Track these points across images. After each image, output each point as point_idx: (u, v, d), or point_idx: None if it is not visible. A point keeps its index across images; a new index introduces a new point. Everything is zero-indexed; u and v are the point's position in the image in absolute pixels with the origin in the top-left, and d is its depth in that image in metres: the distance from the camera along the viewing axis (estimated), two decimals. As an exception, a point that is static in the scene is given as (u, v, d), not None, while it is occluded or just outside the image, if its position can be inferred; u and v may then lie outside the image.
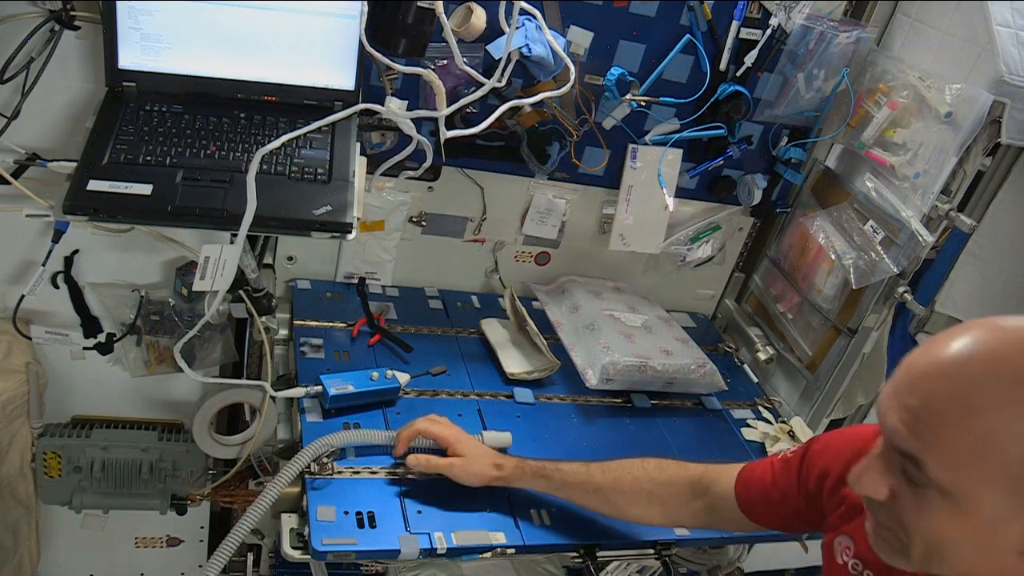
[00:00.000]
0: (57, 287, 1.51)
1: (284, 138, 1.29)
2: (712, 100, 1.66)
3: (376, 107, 1.39)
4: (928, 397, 0.72)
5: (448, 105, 1.46)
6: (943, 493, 0.72)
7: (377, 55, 1.38)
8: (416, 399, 1.49)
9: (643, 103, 1.65)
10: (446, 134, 1.46)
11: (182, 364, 1.40)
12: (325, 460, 1.26)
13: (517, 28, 1.43)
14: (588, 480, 1.25)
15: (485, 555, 1.23)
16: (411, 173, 1.60)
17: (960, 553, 0.75)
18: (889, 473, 0.77)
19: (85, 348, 1.58)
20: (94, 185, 1.19)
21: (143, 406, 1.72)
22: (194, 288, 1.30)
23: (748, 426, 1.69)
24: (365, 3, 1.34)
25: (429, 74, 1.43)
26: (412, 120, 1.43)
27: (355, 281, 1.75)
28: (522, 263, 1.88)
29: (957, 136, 1.44)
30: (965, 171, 1.49)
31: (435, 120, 1.48)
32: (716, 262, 1.97)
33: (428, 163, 1.55)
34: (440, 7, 1.36)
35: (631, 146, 1.71)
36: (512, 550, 1.25)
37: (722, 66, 1.64)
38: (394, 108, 1.40)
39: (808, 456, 1.10)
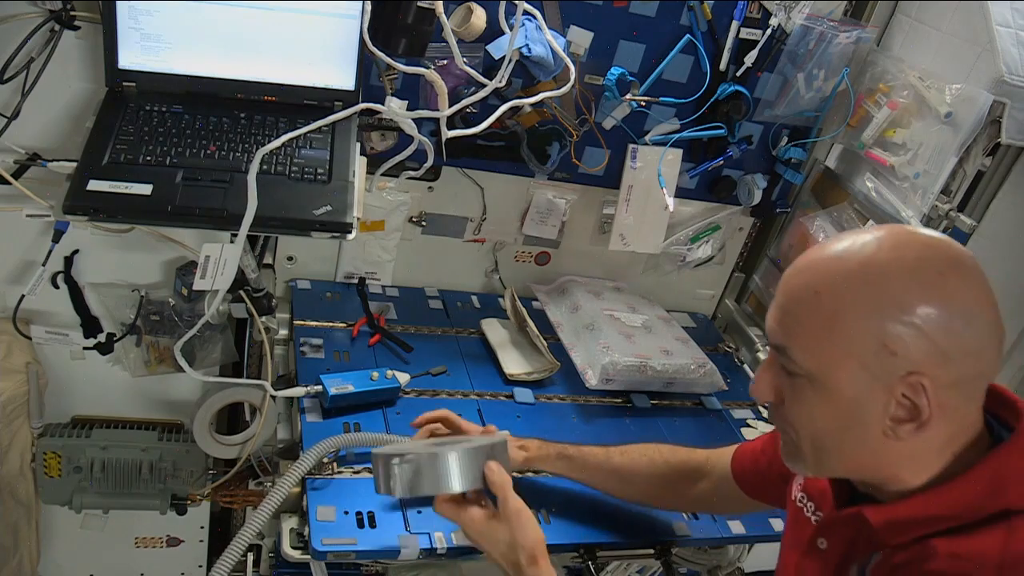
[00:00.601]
0: (57, 287, 1.51)
1: (284, 137, 1.29)
2: (712, 100, 1.66)
3: (377, 107, 1.39)
4: (790, 291, 0.83)
5: (448, 105, 1.47)
6: (811, 379, 0.80)
7: (379, 54, 1.38)
8: (416, 399, 1.49)
9: (643, 103, 1.65)
10: (447, 134, 1.46)
11: (182, 363, 1.40)
12: (325, 460, 1.26)
13: (513, 28, 1.43)
14: (607, 462, 1.27)
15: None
16: (412, 173, 1.60)
17: (838, 442, 0.82)
18: (773, 373, 0.86)
19: (85, 348, 1.58)
20: (94, 185, 1.19)
21: (143, 406, 1.73)
22: (194, 287, 1.30)
23: (748, 426, 1.69)
24: (367, 3, 1.34)
25: (432, 74, 1.43)
26: (411, 120, 1.43)
27: (355, 281, 1.75)
28: (522, 263, 1.88)
29: (957, 136, 1.44)
30: (965, 171, 1.49)
31: (434, 120, 1.48)
32: (716, 262, 1.97)
33: (429, 163, 1.55)
34: (440, 7, 1.36)
35: (631, 146, 1.71)
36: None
37: (722, 66, 1.64)
38: (395, 108, 1.40)
39: None
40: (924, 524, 0.80)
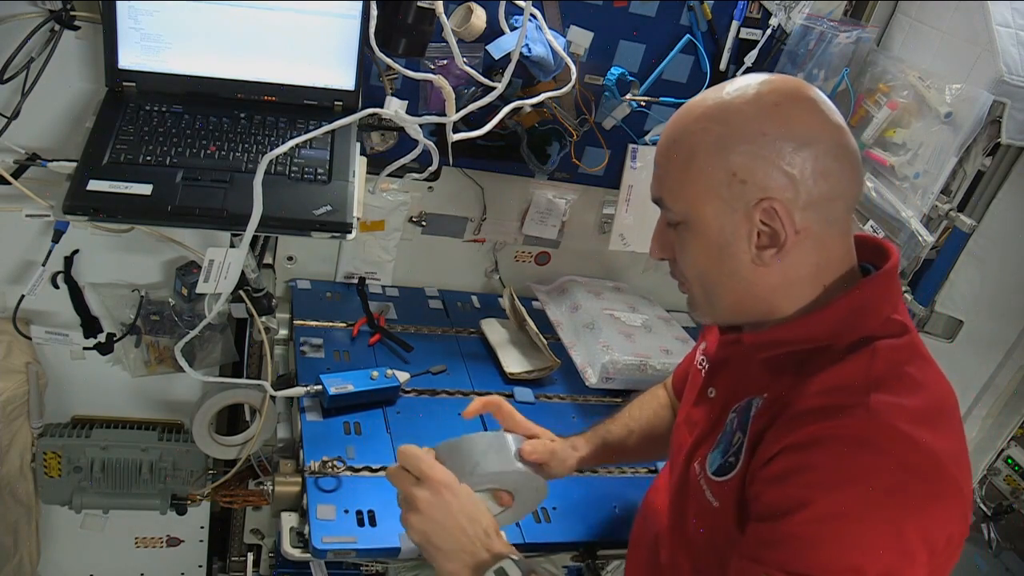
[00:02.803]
0: (57, 287, 1.51)
1: (291, 143, 1.28)
2: (712, 100, 1.66)
3: (382, 111, 1.39)
4: (659, 146, 0.91)
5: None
6: (686, 224, 0.88)
7: (383, 57, 1.38)
8: (416, 398, 1.49)
9: (643, 103, 1.65)
10: (454, 138, 1.46)
11: (183, 363, 1.40)
12: (327, 459, 1.26)
13: (518, 28, 1.43)
14: (629, 436, 1.26)
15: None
16: (415, 175, 1.59)
17: (716, 278, 0.89)
18: (663, 231, 0.93)
19: (85, 348, 1.58)
20: (94, 185, 1.19)
21: (143, 406, 1.72)
22: (197, 291, 1.30)
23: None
24: (374, 4, 1.34)
25: (440, 80, 1.42)
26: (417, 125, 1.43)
27: (355, 281, 1.75)
28: (522, 263, 1.88)
29: (957, 136, 1.44)
30: (965, 171, 1.49)
31: (435, 122, 1.48)
32: (716, 262, 1.97)
33: (435, 167, 1.55)
34: (440, 7, 1.36)
35: (631, 146, 1.71)
36: (512, 549, 1.25)
37: (722, 66, 1.65)
38: (396, 109, 1.39)
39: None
40: (790, 343, 0.87)
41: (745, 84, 0.86)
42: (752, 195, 0.82)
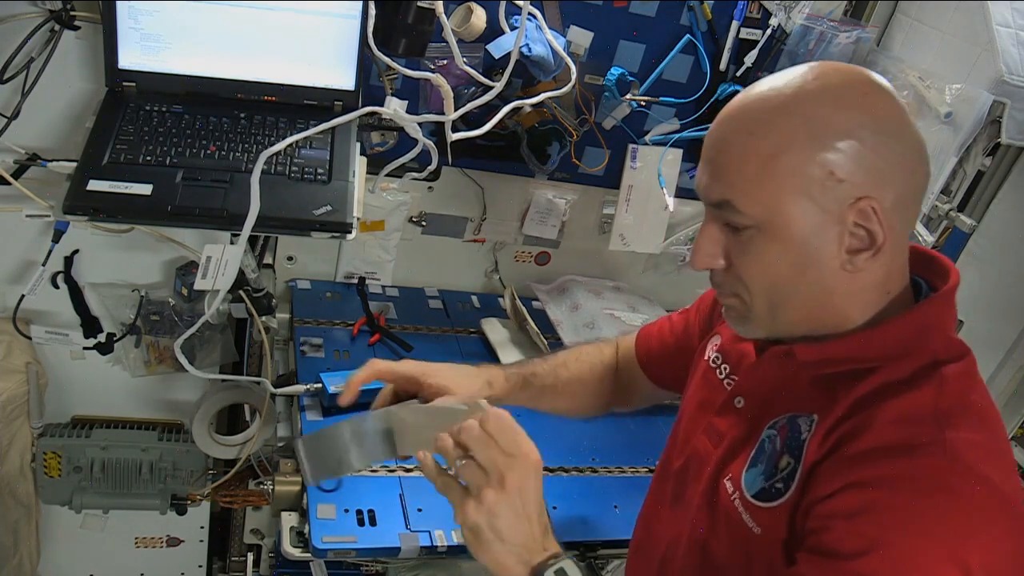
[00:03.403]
0: (57, 287, 1.51)
1: (288, 140, 1.29)
2: (712, 100, 1.66)
3: (381, 110, 1.39)
4: (721, 141, 0.80)
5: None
6: (761, 227, 0.78)
7: (382, 56, 1.38)
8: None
9: (643, 103, 1.65)
10: (452, 137, 1.46)
11: (183, 361, 1.40)
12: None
13: (518, 28, 1.43)
14: (556, 381, 1.18)
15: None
16: (415, 174, 1.59)
17: (794, 288, 0.79)
18: (717, 234, 0.82)
19: (85, 348, 1.58)
20: (94, 185, 1.19)
21: (143, 406, 1.73)
22: (195, 287, 1.30)
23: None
24: (372, 4, 1.34)
25: (438, 79, 1.42)
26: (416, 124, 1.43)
27: (355, 281, 1.75)
28: (522, 263, 1.88)
29: (957, 136, 1.44)
30: (965, 171, 1.49)
31: (434, 121, 1.48)
32: (716, 262, 1.97)
33: (434, 166, 1.55)
34: (440, 7, 1.36)
35: (631, 146, 1.71)
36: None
37: (722, 66, 1.65)
38: (396, 109, 1.40)
39: (703, 296, 1.15)
40: (852, 362, 0.80)
41: (823, 72, 0.78)
42: (848, 194, 0.75)
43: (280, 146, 1.27)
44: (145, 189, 1.21)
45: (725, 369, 0.98)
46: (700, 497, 0.93)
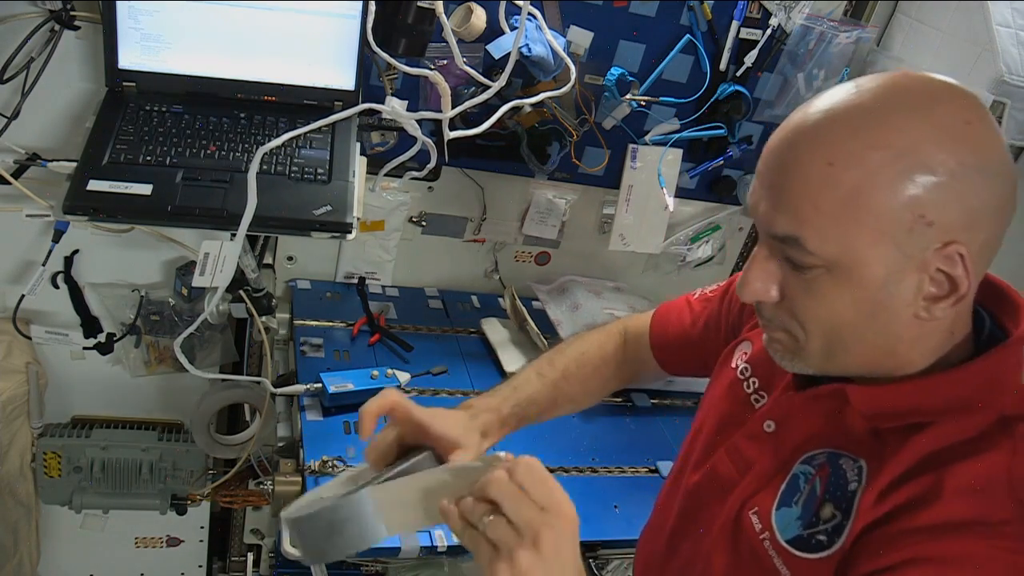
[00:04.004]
0: (57, 287, 1.51)
1: (285, 137, 1.29)
2: (712, 100, 1.66)
3: (379, 107, 1.39)
4: (791, 167, 0.68)
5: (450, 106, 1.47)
6: (830, 268, 0.69)
7: (381, 54, 1.38)
8: (416, 398, 1.48)
9: (643, 103, 1.65)
10: (450, 135, 1.46)
11: (183, 360, 1.40)
12: (327, 458, 1.26)
13: (518, 28, 1.43)
14: (557, 396, 1.08)
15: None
16: (415, 173, 1.60)
17: (859, 333, 0.71)
18: (773, 267, 0.73)
19: (85, 348, 1.59)
20: (94, 185, 1.19)
21: (143, 406, 1.73)
22: (193, 284, 1.30)
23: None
24: (372, 3, 1.34)
25: (435, 76, 1.43)
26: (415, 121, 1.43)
27: (355, 281, 1.75)
28: (522, 263, 1.88)
29: (957, 136, 1.44)
30: (965, 171, 1.49)
31: (433, 120, 1.48)
32: (716, 262, 1.97)
33: (432, 164, 1.55)
34: (440, 7, 1.36)
35: (631, 146, 1.71)
36: (512, 549, 1.25)
37: (722, 66, 1.64)
38: (397, 108, 1.40)
39: (732, 287, 1.04)
40: (915, 414, 0.73)
41: (916, 90, 0.67)
42: (936, 238, 0.65)
43: (277, 142, 1.27)
44: (145, 189, 1.21)
45: (754, 383, 0.91)
46: (720, 526, 0.86)
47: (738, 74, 1.65)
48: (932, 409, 0.72)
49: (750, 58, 1.63)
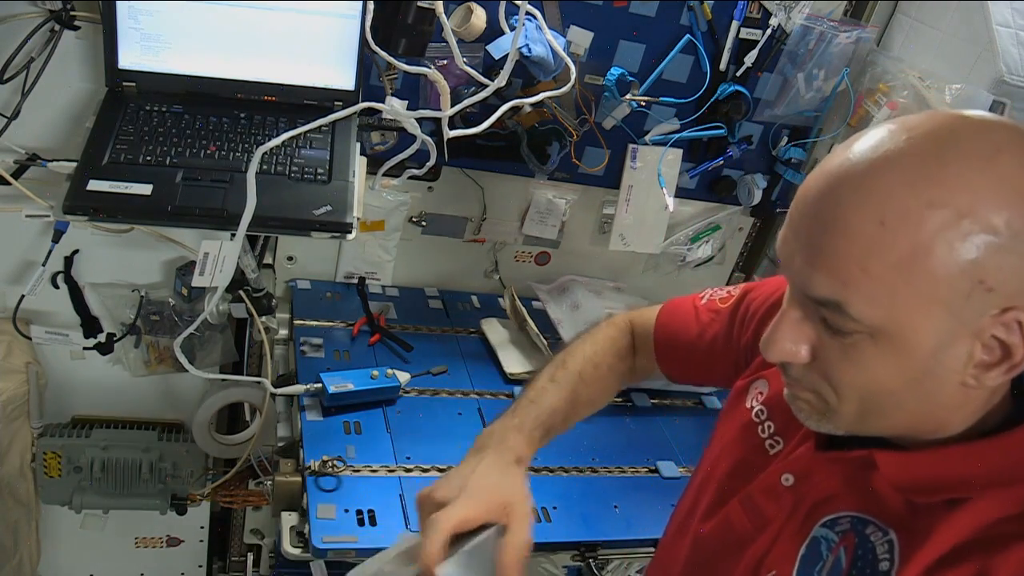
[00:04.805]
0: (57, 287, 1.51)
1: (284, 136, 1.29)
2: (712, 100, 1.66)
3: (379, 106, 1.39)
4: (835, 224, 0.60)
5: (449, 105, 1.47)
6: (874, 335, 0.62)
7: (381, 54, 1.38)
8: (416, 398, 1.49)
9: (643, 103, 1.65)
10: (449, 134, 1.46)
11: (183, 360, 1.40)
12: (327, 458, 1.26)
13: (516, 28, 1.43)
14: (576, 401, 1.01)
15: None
16: (414, 172, 1.60)
17: (899, 400, 0.65)
18: (806, 328, 0.66)
19: (85, 348, 1.59)
20: (94, 185, 1.19)
21: (143, 406, 1.73)
22: (193, 284, 1.30)
23: (748, 426, 1.69)
24: (369, 2, 1.34)
25: (435, 74, 1.43)
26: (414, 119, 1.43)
27: (355, 281, 1.75)
28: (522, 263, 1.88)
29: (957, 136, 1.44)
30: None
31: (433, 120, 1.48)
32: (716, 262, 1.97)
33: (432, 163, 1.55)
34: (440, 7, 1.36)
35: (631, 146, 1.71)
36: (512, 549, 1.25)
37: (722, 66, 1.64)
38: (396, 107, 1.40)
39: (745, 305, 0.98)
40: (949, 488, 0.66)
41: (974, 135, 0.59)
42: (994, 304, 0.59)
43: (277, 141, 1.27)
44: (145, 189, 1.21)
45: (769, 428, 0.84)
46: None
47: (738, 74, 1.65)
48: (973, 481, 0.66)
49: (750, 58, 1.63)
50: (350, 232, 1.25)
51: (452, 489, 0.81)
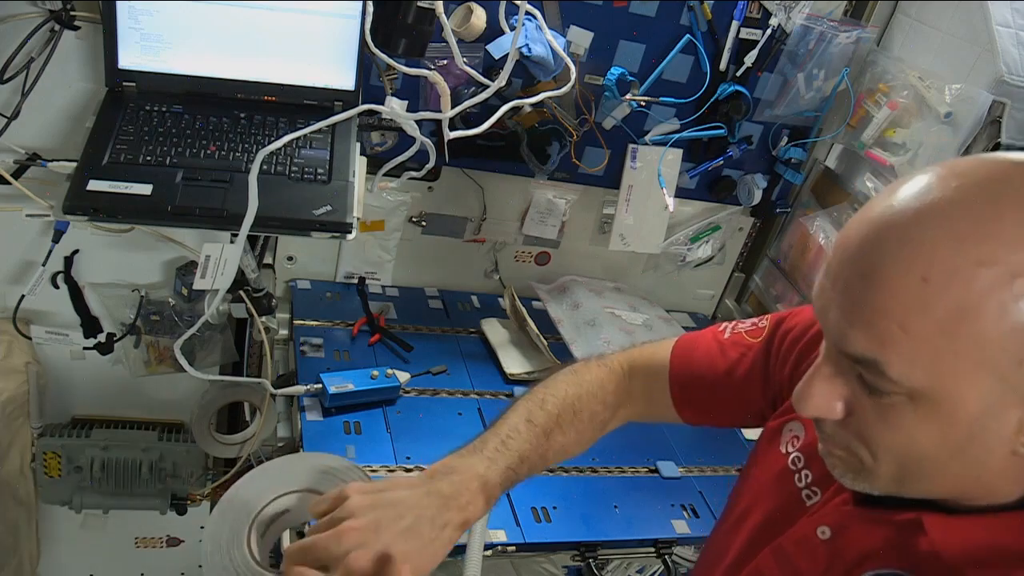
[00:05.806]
0: (57, 287, 1.51)
1: (285, 139, 1.29)
2: (712, 100, 1.66)
3: (379, 107, 1.39)
4: (874, 277, 0.56)
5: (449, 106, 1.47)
6: (914, 398, 0.57)
7: (380, 55, 1.38)
8: (416, 398, 1.49)
9: (643, 103, 1.65)
10: (450, 135, 1.46)
11: (183, 361, 1.40)
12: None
13: (516, 28, 1.43)
14: (547, 451, 0.92)
15: (485, 553, 1.23)
16: (414, 173, 1.60)
17: (941, 466, 0.61)
18: (841, 384, 0.62)
19: (85, 348, 1.59)
20: (94, 185, 1.19)
21: (143, 406, 1.73)
22: (195, 287, 1.30)
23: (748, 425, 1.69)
24: (368, 2, 1.34)
25: (435, 76, 1.43)
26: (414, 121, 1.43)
27: (355, 281, 1.75)
28: (522, 263, 1.88)
29: (957, 136, 1.44)
30: (965, 171, 1.48)
31: (433, 120, 1.48)
32: (716, 262, 1.97)
33: (431, 164, 1.55)
34: (440, 7, 1.36)
35: (631, 146, 1.71)
36: (512, 548, 1.25)
37: (722, 66, 1.64)
38: (396, 108, 1.40)
39: (779, 337, 0.91)
40: (1016, 559, 0.62)
41: (1018, 182, 0.54)
42: None
43: (278, 144, 1.27)
44: (145, 189, 1.21)
45: (806, 477, 0.79)
46: None
47: (738, 74, 1.65)
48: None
49: (750, 58, 1.63)
50: (350, 232, 1.25)
51: (371, 533, 0.74)
